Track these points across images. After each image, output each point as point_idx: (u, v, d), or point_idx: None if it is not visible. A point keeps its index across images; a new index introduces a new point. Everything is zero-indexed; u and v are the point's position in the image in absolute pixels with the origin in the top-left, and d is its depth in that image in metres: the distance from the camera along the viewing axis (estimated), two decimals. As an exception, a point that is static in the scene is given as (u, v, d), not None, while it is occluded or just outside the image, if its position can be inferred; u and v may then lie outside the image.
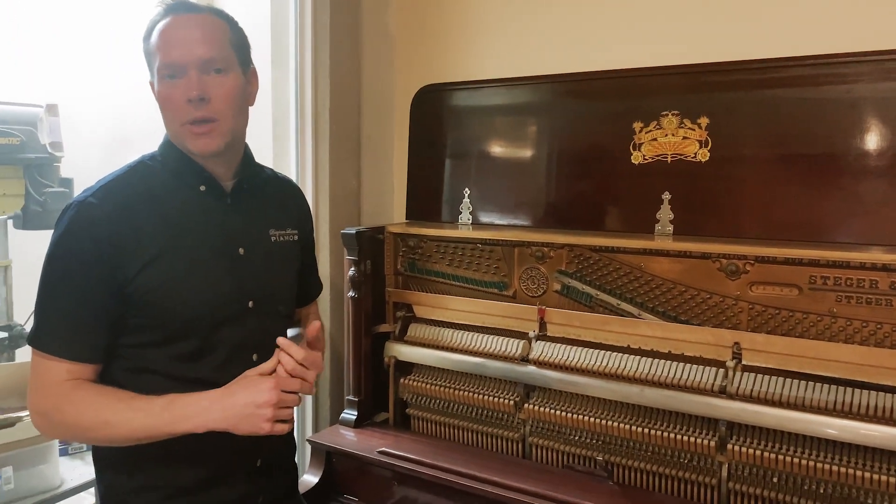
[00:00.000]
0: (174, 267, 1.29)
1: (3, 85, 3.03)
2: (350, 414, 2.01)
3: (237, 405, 1.23)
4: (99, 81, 3.24)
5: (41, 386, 1.25)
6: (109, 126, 3.24)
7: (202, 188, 1.36)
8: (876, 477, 1.40)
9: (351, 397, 2.03)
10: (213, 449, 1.33)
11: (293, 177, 2.27)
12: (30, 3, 3.25)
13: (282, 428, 1.26)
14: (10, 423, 2.11)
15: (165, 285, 1.27)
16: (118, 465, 1.34)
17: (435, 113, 2.17)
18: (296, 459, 1.60)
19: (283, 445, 1.52)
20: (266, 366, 1.29)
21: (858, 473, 1.41)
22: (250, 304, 1.38)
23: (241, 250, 1.38)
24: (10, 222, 2.64)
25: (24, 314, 2.63)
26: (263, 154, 2.24)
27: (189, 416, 1.22)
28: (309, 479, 1.88)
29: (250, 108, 1.41)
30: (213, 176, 1.36)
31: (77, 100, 3.14)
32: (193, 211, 1.34)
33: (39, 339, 1.25)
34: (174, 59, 1.27)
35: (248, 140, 1.44)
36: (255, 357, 1.37)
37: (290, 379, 1.27)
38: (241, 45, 1.37)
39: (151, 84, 1.34)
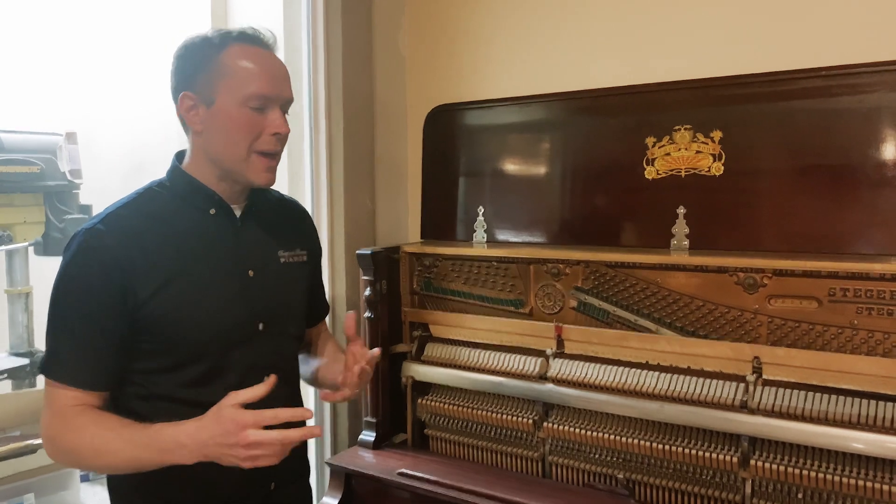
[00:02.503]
0: (185, 291, 1.29)
1: (23, 114, 3.08)
2: (368, 435, 2.01)
3: (210, 444, 1.17)
4: (116, 109, 3.29)
5: (49, 412, 1.26)
6: (127, 153, 3.28)
7: (212, 211, 1.37)
8: (904, 492, 1.38)
9: (369, 418, 2.02)
10: (225, 473, 1.32)
11: (308, 198, 2.28)
12: (48, 34, 3.32)
13: (266, 462, 1.17)
14: (32, 450, 2.12)
15: (176, 310, 1.28)
16: (132, 491, 1.34)
17: (448, 132, 2.18)
18: (314, 481, 1.60)
19: (297, 468, 1.52)
20: (247, 393, 1.19)
21: (885, 488, 1.39)
22: (261, 326, 1.38)
23: (250, 272, 1.39)
24: (30, 249, 2.68)
25: (44, 341, 2.65)
26: (279, 178, 2.26)
27: (170, 451, 1.19)
28: (328, 501, 1.87)
29: None
30: (222, 199, 1.38)
31: (95, 127, 3.18)
32: (203, 234, 1.35)
33: (49, 367, 1.26)
34: (268, 93, 1.30)
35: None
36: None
37: (263, 432, 1.16)
38: None
39: (193, 97, 1.30)
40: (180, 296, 1.29)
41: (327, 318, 1.76)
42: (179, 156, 1.40)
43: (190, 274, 1.31)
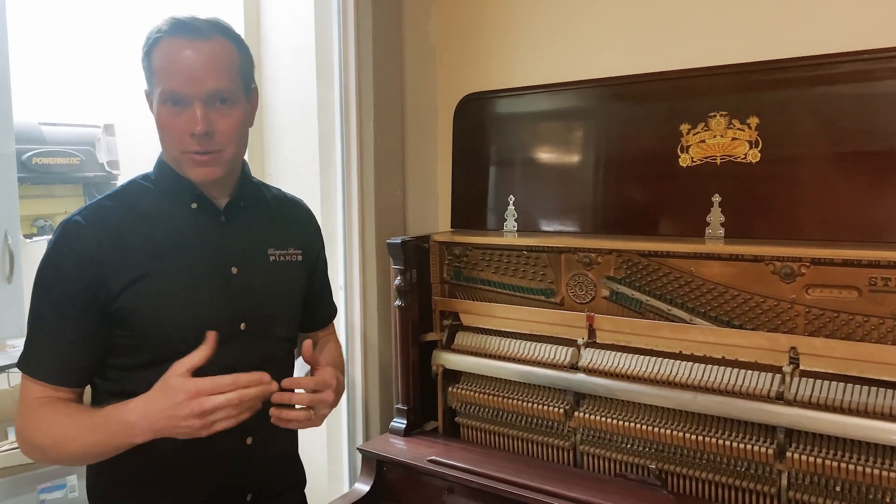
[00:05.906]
0: (161, 286, 1.26)
1: (63, 107, 3.15)
2: (399, 422, 2.02)
3: (160, 418, 1.13)
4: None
5: (20, 406, 1.24)
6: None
7: (194, 206, 1.32)
8: (946, 486, 1.34)
9: (400, 406, 2.04)
10: (196, 481, 1.32)
11: (339, 187, 2.30)
12: (87, 27, 3.38)
13: (226, 425, 1.14)
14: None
15: (150, 304, 1.24)
16: (108, 497, 1.34)
17: (478, 121, 2.17)
18: (346, 467, 1.57)
19: (280, 478, 1.46)
20: (191, 359, 1.16)
21: (927, 482, 1.36)
22: (242, 326, 1.33)
23: (234, 270, 1.34)
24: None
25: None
26: (310, 168, 2.28)
27: (120, 433, 1.16)
28: (360, 487, 1.89)
29: (259, 124, 1.39)
30: (204, 194, 1.33)
31: (133, 119, 3.24)
32: (185, 229, 1.31)
33: (24, 361, 1.25)
34: (178, 89, 1.22)
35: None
36: None
37: (215, 397, 1.13)
38: (247, 69, 1.32)
39: (147, 94, 1.30)
40: (155, 291, 1.25)
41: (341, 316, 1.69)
42: None
43: (167, 270, 1.27)
